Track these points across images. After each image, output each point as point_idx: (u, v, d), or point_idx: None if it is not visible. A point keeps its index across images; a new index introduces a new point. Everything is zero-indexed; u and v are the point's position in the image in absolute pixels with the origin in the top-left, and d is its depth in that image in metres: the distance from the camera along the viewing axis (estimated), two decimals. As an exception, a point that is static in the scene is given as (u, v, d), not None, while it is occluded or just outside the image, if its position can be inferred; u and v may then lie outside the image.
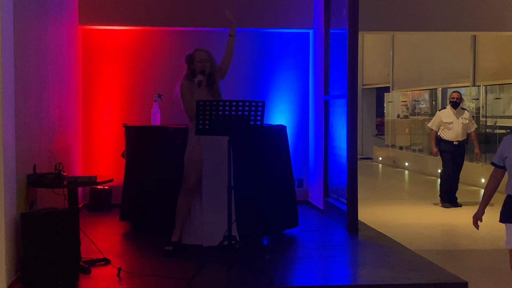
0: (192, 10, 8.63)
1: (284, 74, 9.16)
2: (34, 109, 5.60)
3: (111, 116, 8.74)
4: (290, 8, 8.84)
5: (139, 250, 6.26)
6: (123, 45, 8.90)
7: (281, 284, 5.01)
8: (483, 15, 9.01)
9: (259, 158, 6.34)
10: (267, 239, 6.50)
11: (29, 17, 5.36)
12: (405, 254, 6.09)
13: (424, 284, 5.04)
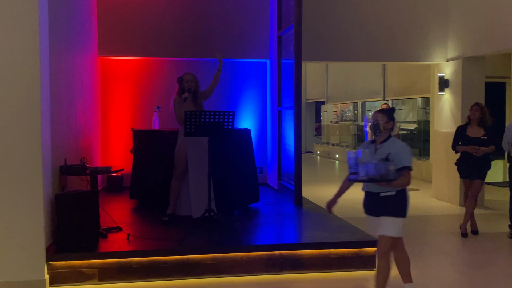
0: (183, 45, 8.63)
1: (249, 91, 9.17)
2: (64, 118, 5.59)
3: (122, 123, 8.67)
4: (253, 44, 8.87)
5: (143, 220, 6.30)
6: (131, 70, 8.85)
7: (247, 243, 5.11)
8: (390, 49, 9.13)
9: (230, 152, 6.38)
10: (237, 211, 6.53)
11: (61, 49, 5.35)
12: (336, 220, 6.13)
13: (347, 242, 5.13)
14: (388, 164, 3.33)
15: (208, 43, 8.68)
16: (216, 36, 8.75)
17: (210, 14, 8.73)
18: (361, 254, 5.05)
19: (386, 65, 14.66)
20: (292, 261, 4.93)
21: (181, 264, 4.71)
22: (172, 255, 4.72)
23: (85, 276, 4.51)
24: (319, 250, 4.99)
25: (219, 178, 6.15)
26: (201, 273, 4.76)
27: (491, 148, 6.55)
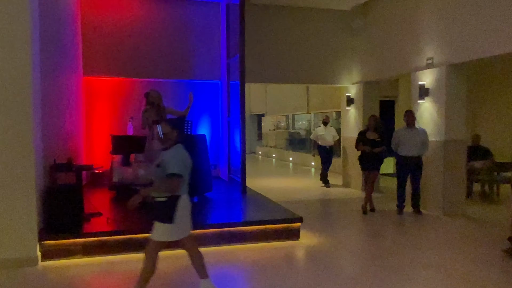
0: (153, 68, 8.47)
1: (205, 105, 9.10)
2: (54, 126, 5.39)
3: (102, 130, 8.44)
4: (209, 69, 8.82)
5: (120, 207, 6.05)
6: (110, 87, 8.59)
7: (203, 223, 5.03)
8: (312, 75, 9.33)
9: (190, 152, 6.24)
10: (196, 198, 6.44)
11: (50, 70, 5.16)
12: (271, 203, 6.21)
13: (278, 219, 5.22)
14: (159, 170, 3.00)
15: (173, 67, 8.59)
16: (180, 62, 8.65)
17: (176, 44, 8.62)
18: (288, 228, 5.17)
19: (309, 86, 14.86)
20: (237, 235, 4.98)
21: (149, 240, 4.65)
22: (143, 234, 4.63)
23: (71, 252, 4.41)
24: (258, 226, 5.06)
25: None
26: (166, 246, 4.69)
27: (383, 148, 6.87)
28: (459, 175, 6.83)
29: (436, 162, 6.86)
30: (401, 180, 6.89)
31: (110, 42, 8.25)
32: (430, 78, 6.99)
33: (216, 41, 8.84)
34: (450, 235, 5.64)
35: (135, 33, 8.39)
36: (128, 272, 4.08)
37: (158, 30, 8.52)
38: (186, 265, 4.27)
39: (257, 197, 6.85)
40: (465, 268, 4.25)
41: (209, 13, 8.76)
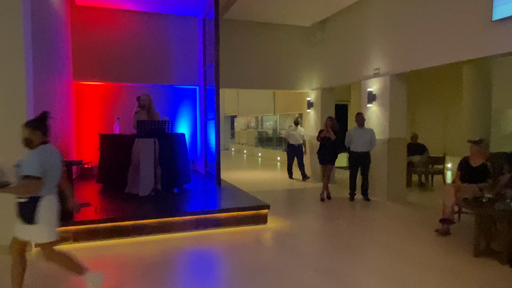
0: (138, 74, 8.27)
1: (184, 107, 9.00)
2: (47, 125, 5.16)
3: (91, 129, 8.19)
4: (188, 75, 8.67)
5: (107, 197, 5.89)
6: (98, 90, 8.34)
7: (183, 210, 5.01)
8: (277, 81, 9.38)
9: (171, 149, 6.20)
10: (176, 189, 6.36)
11: (42, 74, 4.93)
12: (242, 193, 6.22)
13: (248, 206, 5.21)
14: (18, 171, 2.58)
15: (156, 73, 8.44)
16: (162, 69, 8.49)
17: (159, 53, 8.45)
18: (257, 214, 5.19)
19: (275, 91, 14.92)
20: (213, 221, 4.97)
21: (135, 227, 4.59)
22: (129, 221, 4.59)
23: (63, 238, 4.25)
24: (230, 213, 5.06)
25: (164, 167, 5.98)
26: (149, 232, 4.65)
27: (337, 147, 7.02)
28: (400, 168, 7.01)
29: (381, 157, 7.02)
30: (352, 172, 7.01)
31: (98, 51, 8.00)
32: (377, 86, 7.15)
33: (194, 51, 8.74)
34: (393, 217, 5.77)
35: (121, 43, 8.17)
36: (115, 255, 4.02)
37: (143, 41, 8.34)
38: (177, 246, 4.24)
39: (230, 187, 6.84)
40: (404, 245, 4.38)
41: (188, 27, 8.65)
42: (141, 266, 3.70)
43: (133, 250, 4.17)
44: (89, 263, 3.81)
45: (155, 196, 5.56)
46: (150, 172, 5.59)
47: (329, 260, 3.91)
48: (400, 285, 3.31)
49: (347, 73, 8.15)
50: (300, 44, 9.44)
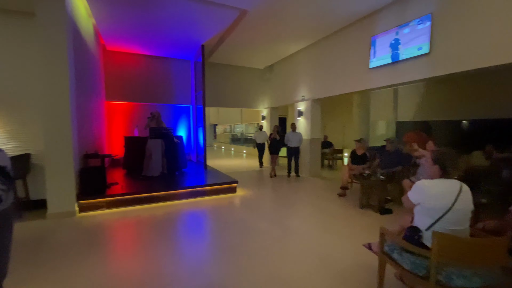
0: (149, 96, 7.87)
1: (182, 119, 8.68)
2: (85, 131, 4.78)
3: (119, 133, 7.70)
4: (185, 97, 8.37)
5: (130, 178, 5.54)
6: (124, 108, 7.84)
7: (182, 185, 4.78)
8: (242, 101, 9.32)
9: (173, 146, 5.95)
10: (177, 172, 6.13)
11: (82, 95, 4.59)
12: (221, 174, 6.09)
13: (225, 182, 5.08)
14: None
15: (164, 96, 8.09)
16: (168, 93, 8.11)
17: (165, 83, 8.07)
18: (230, 187, 5.13)
19: (242, 108, 14.87)
20: (201, 192, 4.85)
21: (148, 197, 4.39)
22: (144, 193, 4.37)
23: (98, 207, 4.01)
24: (213, 186, 4.97)
25: (170, 157, 5.75)
26: (158, 201, 4.47)
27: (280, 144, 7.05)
28: (317, 156, 7.18)
29: (306, 149, 7.15)
30: (288, 159, 7.03)
31: (122, 81, 7.53)
32: (303, 106, 7.32)
33: (188, 82, 8.47)
34: (313, 186, 5.84)
35: (139, 75, 7.74)
36: (136, 216, 3.83)
37: (154, 74, 7.95)
38: (170, 211, 4.11)
39: (213, 170, 6.71)
40: (320, 202, 4.49)
41: (184, 66, 8.36)
42: (153, 223, 3.57)
43: (147, 213, 4.01)
44: (117, 222, 3.65)
45: (163, 176, 5.36)
46: (158, 161, 5.38)
47: (276, 214, 3.93)
48: (319, 227, 3.41)
49: (285, 98, 8.23)
50: (257, 79, 9.44)
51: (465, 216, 1.67)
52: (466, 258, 1.53)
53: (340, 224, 3.50)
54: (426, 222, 1.72)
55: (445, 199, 1.66)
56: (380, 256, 1.96)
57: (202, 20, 5.39)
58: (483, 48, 3.41)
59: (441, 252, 1.57)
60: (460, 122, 7.45)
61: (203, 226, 3.56)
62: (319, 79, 6.61)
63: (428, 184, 1.71)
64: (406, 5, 4.39)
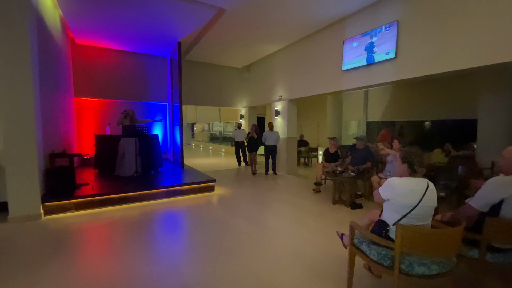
0: (124, 92, 7.50)
1: (159, 117, 8.39)
2: (52, 129, 4.46)
3: (89, 131, 7.24)
4: (161, 95, 8.09)
5: (102, 179, 5.25)
6: (95, 105, 7.37)
7: (157, 185, 4.63)
8: (220, 99, 9.21)
9: (148, 144, 5.74)
10: (153, 171, 5.93)
11: (47, 91, 4.25)
12: (198, 172, 6.00)
13: (202, 181, 4.97)
14: None
15: (139, 93, 7.74)
16: (144, 90, 7.79)
17: (140, 80, 7.74)
18: (208, 186, 5.05)
19: (220, 107, 14.70)
20: (178, 191, 4.74)
21: (121, 198, 4.20)
22: (117, 194, 4.17)
23: (66, 209, 3.76)
24: (189, 186, 4.87)
25: (144, 156, 5.53)
26: (133, 201, 4.29)
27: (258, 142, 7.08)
28: (294, 154, 7.27)
29: (283, 148, 7.22)
30: (266, 157, 7.08)
31: (93, 76, 7.10)
32: (280, 106, 7.41)
33: (164, 79, 8.21)
34: (290, 184, 5.86)
35: (112, 72, 7.35)
36: (108, 218, 3.64)
37: (129, 71, 7.59)
38: (147, 211, 3.97)
39: (190, 169, 6.59)
40: (296, 199, 4.55)
41: (160, 62, 8.08)
42: (127, 224, 3.42)
43: (121, 214, 3.83)
44: (88, 224, 3.44)
45: (137, 176, 5.14)
46: (132, 160, 5.15)
47: (252, 211, 3.94)
48: (294, 223, 3.47)
49: (263, 98, 8.26)
50: (235, 78, 9.37)
51: (429, 212, 1.76)
52: (426, 247, 1.63)
53: (314, 219, 3.59)
54: (393, 218, 1.80)
55: (412, 197, 1.73)
56: (350, 249, 2.04)
57: (178, 16, 5.23)
58: (442, 54, 3.64)
59: (403, 242, 1.66)
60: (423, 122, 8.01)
61: (179, 226, 3.48)
62: (295, 79, 6.72)
63: (398, 182, 1.78)
64: (375, 12, 4.61)
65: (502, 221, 1.80)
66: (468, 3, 3.39)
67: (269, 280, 2.24)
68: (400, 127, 8.29)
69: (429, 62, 3.80)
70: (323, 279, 2.23)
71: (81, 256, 2.63)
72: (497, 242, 1.85)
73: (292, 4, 4.63)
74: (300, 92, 6.55)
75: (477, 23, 3.30)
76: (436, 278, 1.69)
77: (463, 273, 2.24)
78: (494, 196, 1.82)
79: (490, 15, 3.18)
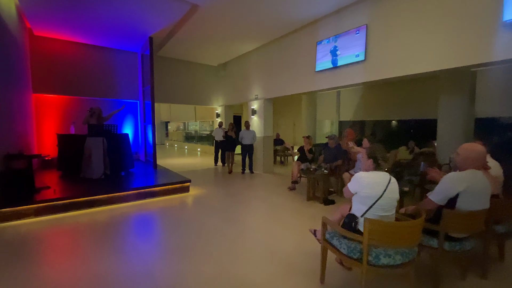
0: (91, 89, 7.02)
1: (129, 115, 7.98)
2: (8, 127, 4.04)
3: (51, 130, 6.67)
4: (132, 92, 7.70)
5: (66, 181, 4.88)
6: (56, 102, 6.81)
7: (127, 187, 4.40)
8: (197, 98, 9.03)
9: (117, 144, 5.45)
10: (123, 172, 5.63)
11: (6, 86, 3.82)
12: (172, 173, 5.85)
13: (176, 182, 4.86)
14: None
15: (107, 90, 7.29)
16: (113, 87, 7.36)
17: (109, 76, 7.30)
18: (182, 186, 4.95)
19: (196, 106, 14.37)
20: (151, 193, 4.58)
21: (88, 201, 3.95)
22: (82, 197, 3.90)
23: (25, 215, 3.46)
24: (163, 187, 4.73)
25: (114, 157, 5.25)
26: (100, 204, 4.05)
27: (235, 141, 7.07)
28: (270, 153, 7.35)
29: (260, 147, 7.27)
30: (243, 156, 7.08)
31: (55, 71, 6.56)
32: (257, 105, 7.44)
33: (135, 75, 7.84)
34: (266, 182, 5.90)
35: (76, 67, 6.84)
36: (73, 223, 3.41)
37: (96, 66, 7.12)
38: (114, 215, 3.77)
39: (164, 170, 6.37)
40: (272, 197, 4.60)
41: (131, 58, 7.70)
42: (94, 230, 3.22)
43: (88, 218, 3.61)
44: (49, 231, 3.17)
45: (105, 178, 4.86)
46: (100, 161, 4.86)
47: (228, 211, 3.92)
48: (269, 221, 3.52)
49: (239, 96, 8.24)
50: (211, 76, 9.24)
51: (392, 203, 1.89)
52: (391, 239, 1.74)
53: (289, 216, 3.66)
54: (361, 209, 1.91)
55: (377, 188, 1.86)
56: (323, 243, 2.11)
57: (149, 10, 5.01)
58: (407, 58, 3.87)
59: (370, 235, 1.76)
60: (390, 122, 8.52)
61: (152, 228, 3.37)
62: (271, 79, 6.79)
63: (364, 175, 1.92)
64: (345, 15, 4.81)
65: (458, 212, 1.94)
66: (429, 12, 3.66)
67: (243, 278, 2.25)
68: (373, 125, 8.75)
69: (395, 65, 4.04)
70: (297, 274, 2.28)
71: (41, 264, 2.44)
72: (454, 231, 1.99)
73: (265, 3, 4.66)
74: (276, 91, 6.63)
75: (437, 30, 3.53)
76: (400, 268, 1.80)
77: (424, 262, 2.44)
78: (451, 191, 1.96)
79: (449, 23, 3.41)
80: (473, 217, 1.95)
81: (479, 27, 3.13)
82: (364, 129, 8.97)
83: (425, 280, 2.16)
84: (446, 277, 2.23)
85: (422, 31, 3.71)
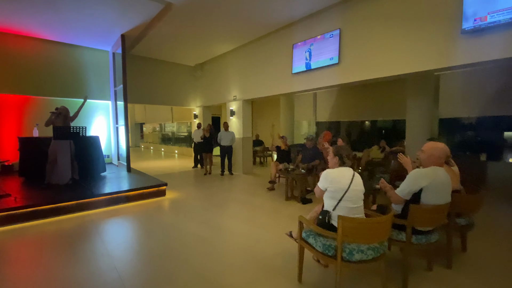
0: (54, 88, 6.55)
1: (101, 116, 7.56)
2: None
3: (11, 134, 6.13)
4: (103, 93, 7.33)
5: (29, 188, 4.52)
6: (17, 102, 6.28)
7: (97, 193, 4.18)
8: (173, 99, 8.80)
9: (86, 147, 5.17)
10: (94, 176, 5.31)
11: None
12: (148, 176, 5.67)
13: (151, 185, 4.72)
14: None
15: (75, 90, 6.84)
16: (82, 87, 6.93)
17: (77, 75, 6.88)
18: (158, 190, 4.83)
19: (172, 107, 14.01)
20: (123, 198, 4.40)
21: (53, 209, 3.70)
22: (47, 205, 3.65)
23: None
24: (138, 191, 4.57)
25: (82, 161, 4.98)
26: (68, 212, 3.81)
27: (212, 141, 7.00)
28: (249, 154, 7.37)
29: (239, 148, 7.27)
30: (222, 157, 7.01)
31: (15, 67, 6.05)
32: (235, 106, 7.42)
33: (107, 75, 7.46)
34: (246, 183, 5.89)
35: (41, 63, 6.36)
36: (37, 233, 3.19)
37: (62, 63, 6.68)
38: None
39: (139, 173, 6.15)
40: (251, 198, 4.60)
41: (101, 56, 7.32)
42: (60, 239, 3.02)
43: (53, 227, 3.37)
44: (9, 242, 2.91)
45: (73, 183, 4.57)
46: (67, 165, 4.56)
47: (206, 214, 3.87)
48: (247, 222, 3.52)
49: (217, 97, 8.18)
50: (188, 76, 9.07)
51: (359, 195, 2.01)
52: (363, 235, 1.82)
53: (267, 217, 3.69)
54: (332, 204, 2.02)
55: (344, 181, 1.99)
56: (299, 242, 2.15)
57: (120, 7, 4.81)
58: (378, 61, 4.07)
59: (344, 232, 1.83)
60: (363, 123, 8.91)
61: (125, 235, 3.24)
62: (249, 80, 6.81)
63: (330, 171, 2.07)
64: (320, 19, 4.97)
65: (422, 207, 2.07)
66: (397, 19, 3.89)
67: (221, 281, 2.22)
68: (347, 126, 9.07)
69: (367, 68, 4.25)
70: (275, 275, 2.30)
71: (0, 280, 2.21)
72: (420, 225, 2.10)
73: (240, 4, 4.67)
74: (254, 92, 6.66)
75: (404, 36, 3.73)
76: (372, 262, 1.89)
77: (394, 255, 2.57)
78: (415, 186, 2.09)
79: (414, 30, 3.61)
80: (437, 211, 2.06)
81: (441, 35, 3.36)
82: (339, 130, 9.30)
83: (395, 272, 2.28)
84: (415, 268, 2.36)
85: (391, 37, 3.93)
